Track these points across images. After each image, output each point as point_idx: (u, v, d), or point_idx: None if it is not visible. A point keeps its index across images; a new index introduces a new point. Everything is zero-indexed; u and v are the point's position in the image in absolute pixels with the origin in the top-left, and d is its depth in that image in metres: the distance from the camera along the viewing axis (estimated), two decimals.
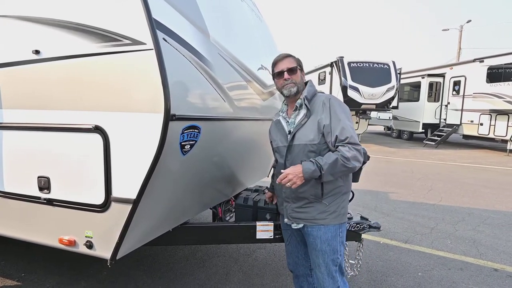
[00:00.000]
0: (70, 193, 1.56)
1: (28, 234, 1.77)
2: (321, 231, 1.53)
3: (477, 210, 4.44)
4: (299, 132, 1.53)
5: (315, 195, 1.52)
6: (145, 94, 1.33)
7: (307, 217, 1.55)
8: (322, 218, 1.53)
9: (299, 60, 1.63)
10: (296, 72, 1.59)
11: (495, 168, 7.81)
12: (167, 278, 2.47)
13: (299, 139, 1.53)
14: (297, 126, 1.55)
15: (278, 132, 1.67)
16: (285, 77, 1.57)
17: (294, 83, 1.57)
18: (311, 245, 1.58)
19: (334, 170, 1.41)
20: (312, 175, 1.40)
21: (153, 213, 1.60)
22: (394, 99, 11.25)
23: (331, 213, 1.53)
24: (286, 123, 1.63)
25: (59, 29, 1.45)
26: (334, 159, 1.40)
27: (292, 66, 1.58)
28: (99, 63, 1.39)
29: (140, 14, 1.28)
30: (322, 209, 1.53)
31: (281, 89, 1.62)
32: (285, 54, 1.62)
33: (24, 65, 1.55)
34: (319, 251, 1.54)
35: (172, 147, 1.39)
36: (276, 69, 1.62)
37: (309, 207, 1.54)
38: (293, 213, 1.59)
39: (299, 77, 1.60)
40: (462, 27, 20.41)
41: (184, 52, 1.43)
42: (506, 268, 2.78)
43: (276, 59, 1.63)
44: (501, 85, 9.75)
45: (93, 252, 1.59)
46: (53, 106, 1.52)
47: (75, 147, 1.51)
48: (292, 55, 1.63)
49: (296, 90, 1.58)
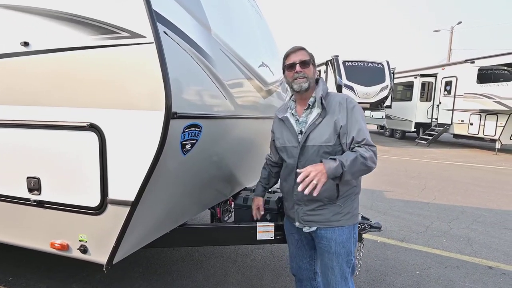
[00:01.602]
0: (62, 195, 1.48)
1: (17, 238, 1.68)
2: (336, 233, 1.48)
3: (470, 208, 4.52)
4: (313, 133, 1.45)
5: (330, 197, 1.46)
6: (144, 91, 1.25)
7: (321, 219, 1.49)
8: (337, 220, 1.48)
9: (312, 55, 1.55)
10: (308, 66, 1.49)
11: (485, 167, 7.98)
12: (164, 281, 2.40)
13: (313, 139, 1.45)
14: (310, 126, 1.47)
15: (285, 130, 1.57)
16: (297, 70, 1.47)
17: (306, 78, 1.48)
18: (324, 248, 1.51)
19: (354, 169, 1.33)
20: (335, 172, 1.29)
21: (152, 215, 1.53)
22: (388, 98, 11.38)
23: (345, 215, 1.48)
24: (296, 121, 1.54)
25: (50, 20, 1.36)
26: (354, 157, 1.33)
27: (306, 59, 1.49)
28: (95, 56, 1.30)
29: (139, 5, 1.20)
30: (336, 211, 1.47)
31: (291, 82, 1.52)
32: (298, 47, 1.53)
33: (11, 58, 1.44)
34: (333, 254, 1.48)
35: (173, 147, 1.33)
36: (287, 61, 1.53)
37: (323, 209, 1.48)
38: (305, 216, 1.52)
39: (311, 72, 1.51)
40: (452, 28, 20.78)
41: (185, 46, 1.35)
42: (500, 265, 2.83)
43: (289, 51, 1.54)
44: (490, 86, 9.95)
45: (87, 257, 1.51)
46: (44, 102, 1.43)
47: (68, 146, 1.42)
48: (305, 48, 1.54)
49: (307, 85, 1.48)
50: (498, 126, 9.89)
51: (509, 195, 5.31)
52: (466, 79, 10.82)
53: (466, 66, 10.88)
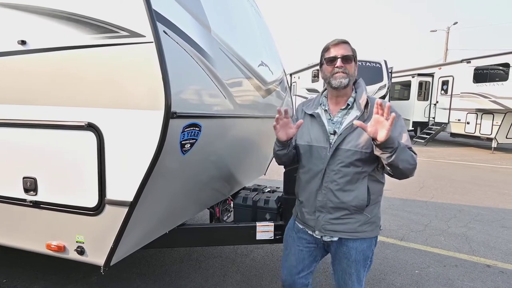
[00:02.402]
0: (59, 195, 1.46)
1: (12, 239, 1.65)
2: (358, 242, 1.38)
3: (468, 207, 4.55)
4: (350, 136, 1.32)
5: (358, 206, 1.35)
6: (144, 90, 1.24)
7: (347, 229, 1.37)
8: (363, 230, 1.37)
9: (355, 50, 1.40)
10: (351, 62, 1.35)
11: (482, 166, 8.04)
12: (162, 281, 2.39)
13: (350, 143, 1.32)
14: (348, 129, 1.33)
15: (314, 128, 1.42)
16: (338, 65, 1.33)
17: (347, 74, 1.33)
18: (343, 255, 1.42)
19: (404, 156, 1.21)
20: (393, 141, 1.17)
21: (150, 216, 1.52)
22: (386, 98, 11.42)
23: (371, 225, 1.39)
24: (329, 120, 1.40)
25: (48, 18, 1.34)
26: (406, 147, 1.25)
27: (349, 54, 1.35)
28: (93, 56, 1.28)
29: (139, 4, 1.19)
30: (364, 221, 1.37)
31: (329, 77, 1.36)
32: (341, 39, 1.39)
33: (8, 56, 1.42)
34: (352, 262, 1.40)
35: (172, 146, 1.31)
36: (327, 54, 1.37)
37: (350, 218, 1.36)
38: (328, 225, 1.39)
39: (353, 68, 1.37)
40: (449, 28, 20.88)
41: (185, 46, 1.34)
42: (498, 264, 2.85)
43: (329, 43, 1.39)
44: (486, 85, 10.03)
45: (85, 258, 1.49)
46: (42, 102, 1.41)
47: (66, 145, 1.40)
48: (349, 43, 1.39)
49: (347, 82, 1.34)
50: (494, 125, 9.97)
51: (506, 193, 5.35)
52: (462, 79, 10.90)
53: (462, 66, 10.96)
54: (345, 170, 1.34)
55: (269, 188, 2.55)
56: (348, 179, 1.34)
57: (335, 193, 1.35)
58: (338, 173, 1.34)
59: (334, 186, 1.36)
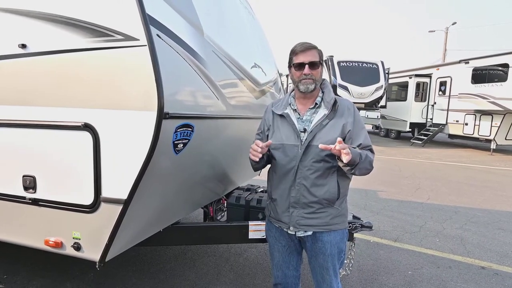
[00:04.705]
0: (57, 193, 1.51)
1: (12, 235, 1.70)
2: (331, 236, 1.47)
3: (463, 208, 4.57)
4: (320, 133, 1.40)
5: (329, 199, 1.43)
6: (137, 92, 1.29)
7: (320, 223, 1.45)
8: (335, 223, 1.46)
9: (321, 53, 1.48)
10: (317, 68, 1.44)
11: (480, 167, 8.05)
12: (157, 279, 2.43)
13: (319, 140, 1.38)
14: (317, 126, 1.42)
15: (284, 127, 1.48)
16: (305, 72, 1.41)
17: (313, 80, 1.43)
18: (319, 250, 1.48)
19: (363, 165, 1.35)
20: (355, 159, 1.30)
21: (144, 214, 1.56)
22: (383, 99, 11.46)
23: (341, 217, 1.49)
24: (298, 119, 1.48)
25: (47, 23, 1.39)
26: (365, 154, 1.36)
27: (315, 61, 1.42)
28: (90, 58, 1.33)
29: (133, 9, 1.23)
30: (335, 214, 1.46)
31: (297, 82, 1.46)
32: (309, 45, 1.44)
33: (9, 59, 1.48)
34: (328, 256, 1.47)
35: (165, 146, 1.36)
36: (296, 59, 1.44)
37: (322, 212, 1.44)
38: (301, 220, 1.45)
39: (319, 73, 1.46)
40: (447, 28, 20.91)
41: (178, 49, 1.39)
42: (493, 266, 2.85)
43: (298, 48, 1.44)
44: (485, 86, 10.03)
45: (81, 254, 1.54)
46: (41, 103, 1.46)
47: (63, 145, 1.45)
48: (316, 47, 1.46)
49: (313, 87, 1.44)
50: (493, 126, 9.96)
51: (503, 195, 5.36)
52: (460, 80, 10.90)
53: (460, 67, 10.96)
54: (317, 165, 1.41)
55: (262, 188, 2.59)
56: (320, 174, 1.42)
57: (308, 188, 1.43)
58: (311, 168, 1.42)
59: (307, 182, 1.43)
